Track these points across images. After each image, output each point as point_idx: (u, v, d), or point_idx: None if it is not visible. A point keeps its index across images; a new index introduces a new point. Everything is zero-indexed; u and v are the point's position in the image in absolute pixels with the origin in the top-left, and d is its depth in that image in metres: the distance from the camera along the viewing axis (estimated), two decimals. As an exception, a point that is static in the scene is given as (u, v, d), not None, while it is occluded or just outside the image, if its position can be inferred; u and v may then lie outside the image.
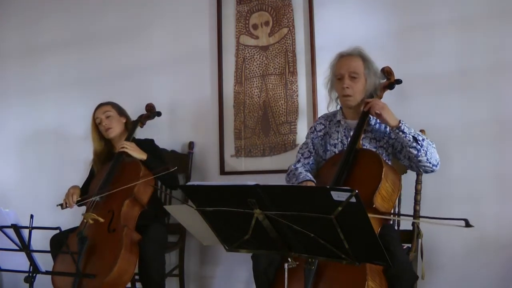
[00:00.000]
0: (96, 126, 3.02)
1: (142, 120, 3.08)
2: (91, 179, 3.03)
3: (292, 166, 2.55)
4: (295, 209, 1.53)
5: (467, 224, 1.66)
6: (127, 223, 2.60)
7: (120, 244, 2.46)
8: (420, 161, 2.24)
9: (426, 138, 2.27)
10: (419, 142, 2.22)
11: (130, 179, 2.68)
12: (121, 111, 3.06)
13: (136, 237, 2.57)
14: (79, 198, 2.81)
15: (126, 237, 2.50)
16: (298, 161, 2.56)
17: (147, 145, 2.95)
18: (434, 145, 2.28)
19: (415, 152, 2.22)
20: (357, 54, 2.42)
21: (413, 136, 2.22)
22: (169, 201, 3.14)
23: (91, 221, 2.52)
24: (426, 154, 2.22)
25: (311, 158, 2.57)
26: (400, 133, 2.24)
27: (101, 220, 2.52)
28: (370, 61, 2.43)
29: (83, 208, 2.85)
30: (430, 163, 2.25)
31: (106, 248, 2.50)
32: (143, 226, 2.67)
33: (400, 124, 2.25)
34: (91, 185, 2.92)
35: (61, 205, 2.81)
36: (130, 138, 2.94)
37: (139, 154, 2.82)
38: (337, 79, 2.43)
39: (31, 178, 3.76)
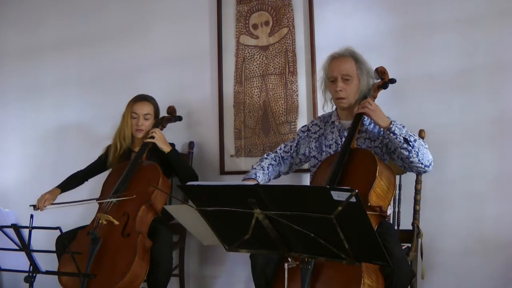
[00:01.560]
0: (131, 117, 2.94)
1: (163, 123, 2.99)
2: (100, 167, 3.03)
3: (265, 155, 2.60)
4: (295, 209, 1.53)
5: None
6: (141, 229, 2.57)
7: (134, 250, 2.44)
8: (412, 162, 2.23)
9: (418, 139, 2.25)
10: (410, 143, 2.20)
11: (149, 183, 2.65)
12: (157, 115, 3.01)
13: (149, 244, 2.54)
14: (50, 205, 2.81)
15: (141, 243, 2.48)
16: (276, 151, 2.61)
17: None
18: (426, 145, 2.26)
19: (407, 153, 2.21)
20: (349, 55, 2.41)
21: (404, 138, 2.21)
22: (169, 201, 3.14)
23: (104, 222, 2.50)
24: (417, 155, 2.21)
25: (289, 154, 2.59)
26: (391, 134, 2.23)
27: (116, 222, 2.49)
28: (362, 61, 2.41)
29: (87, 208, 2.83)
30: (422, 164, 2.23)
31: (119, 253, 2.47)
32: (149, 228, 2.65)
33: (391, 126, 2.23)
34: (104, 185, 2.88)
35: (34, 206, 2.80)
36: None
37: (165, 146, 2.84)
38: (330, 81, 2.44)
39: (31, 178, 3.76)
